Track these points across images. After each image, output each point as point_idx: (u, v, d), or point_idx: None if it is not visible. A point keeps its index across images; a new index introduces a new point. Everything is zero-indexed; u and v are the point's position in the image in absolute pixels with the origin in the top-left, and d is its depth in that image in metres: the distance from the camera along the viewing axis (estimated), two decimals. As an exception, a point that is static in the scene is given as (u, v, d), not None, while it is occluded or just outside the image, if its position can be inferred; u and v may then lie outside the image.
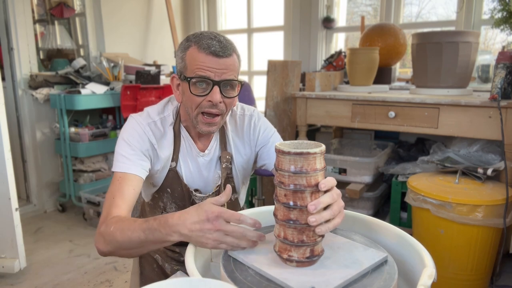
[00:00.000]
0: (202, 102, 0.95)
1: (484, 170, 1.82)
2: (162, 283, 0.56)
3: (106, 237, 0.83)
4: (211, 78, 0.92)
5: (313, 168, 0.65)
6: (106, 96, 2.88)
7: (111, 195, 0.92)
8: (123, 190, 0.93)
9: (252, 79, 3.79)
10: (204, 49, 0.91)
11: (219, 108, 0.96)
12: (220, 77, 0.93)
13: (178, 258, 1.19)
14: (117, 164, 0.97)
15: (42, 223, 2.88)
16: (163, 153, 1.03)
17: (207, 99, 0.94)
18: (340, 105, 2.23)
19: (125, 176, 0.95)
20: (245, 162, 1.13)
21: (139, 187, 0.97)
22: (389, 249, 0.77)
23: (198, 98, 0.95)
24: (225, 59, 0.92)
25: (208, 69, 0.92)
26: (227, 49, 0.93)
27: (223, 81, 0.93)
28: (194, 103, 0.96)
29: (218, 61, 0.92)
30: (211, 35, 0.94)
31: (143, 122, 1.02)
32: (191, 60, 0.94)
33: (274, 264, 0.69)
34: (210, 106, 0.95)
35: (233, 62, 0.95)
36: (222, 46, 0.92)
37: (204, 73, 0.92)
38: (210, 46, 0.91)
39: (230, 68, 0.94)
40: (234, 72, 0.95)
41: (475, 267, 1.73)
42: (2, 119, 1.94)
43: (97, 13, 3.27)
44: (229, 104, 0.98)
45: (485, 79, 2.43)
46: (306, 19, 3.27)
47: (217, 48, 0.91)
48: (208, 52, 0.91)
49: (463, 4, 2.60)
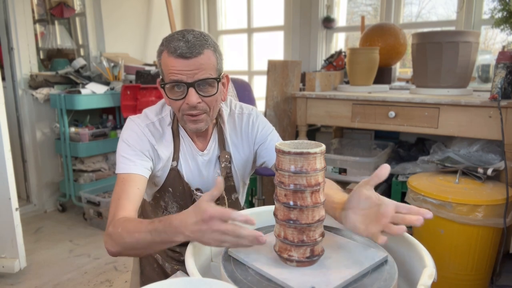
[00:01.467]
0: (182, 105, 0.94)
1: (484, 170, 1.82)
2: (162, 283, 0.56)
3: (114, 238, 0.83)
4: (184, 81, 0.91)
5: (313, 168, 0.65)
6: (106, 96, 2.88)
7: (117, 196, 0.93)
8: (127, 190, 0.93)
9: (252, 79, 3.79)
10: (172, 53, 0.90)
11: (200, 109, 0.95)
12: (193, 78, 0.91)
13: (179, 258, 1.19)
14: (119, 166, 0.97)
15: (42, 223, 2.88)
16: (163, 153, 1.04)
17: (185, 102, 0.93)
18: (340, 105, 2.23)
19: (128, 177, 0.95)
20: (244, 161, 1.13)
21: (143, 186, 0.97)
22: (389, 249, 0.77)
23: (176, 102, 0.94)
24: (195, 59, 0.90)
25: (179, 72, 0.90)
26: (195, 47, 0.89)
27: (196, 82, 0.91)
28: (175, 106, 0.96)
29: (187, 63, 0.89)
30: (180, 36, 0.91)
31: (141, 124, 1.02)
32: (164, 65, 0.93)
33: (274, 264, 0.69)
34: (189, 108, 0.94)
35: (206, 60, 0.91)
36: (189, 46, 0.89)
37: (176, 76, 0.91)
38: (177, 49, 0.89)
39: (202, 67, 0.91)
40: (208, 69, 0.92)
41: (475, 267, 1.73)
42: (2, 119, 1.94)
43: (97, 13, 3.28)
44: (210, 102, 0.96)
45: (485, 79, 2.43)
46: (306, 19, 3.27)
47: (184, 50, 0.89)
48: (175, 55, 0.89)
49: (463, 4, 2.60)
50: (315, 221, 0.67)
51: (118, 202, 0.91)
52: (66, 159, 2.87)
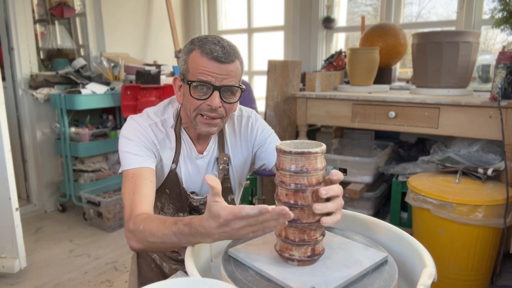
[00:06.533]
0: (202, 105, 0.95)
1: (485, 170, 1.82)
2: (162, 283, 0.56)
3: (137, 236, 0.82)
4: (212, 83, 0.93)
5: (314, 167, 0.65)
6: (106, 96, 2.88)
7: (130, 191, 0.91)
8: (140, 185, 0.92)
9: (252, 79, 3.79)
10: (207, 54, 0.92)
11: (218, 113, 0.96)
12: (220, 82, 0.93)
13: (177, 258, 1.19)
14: (126, 162, 0.96)
15: (42, 223, 2.88)
16: (164, 154, 1.04)
17: (206, 103, 0.95)
18: (341, 105, 2.23)
19: (138, 172, 0.94)
20: (243, 163, 1.14)
21: (154, 179, 0.97)
22: (389, 249, 0.77)
23: (197, 101, 0.95)
24: (227, 65, 0.93)
25: (209, 74, 0.92)
26: (230, 55, 0.93)
27: (223, 87, 0.94)
28: (193, 105, 0.96)
29: (220, 67, 0.92)
30: (215, 40, 0.94)
31: (144, 123, 1.02)
32: (193, 63, 0.94)
33: (274, 264, 0.69)
34: (209, 110, 0.95)
35: (235, 69, 0.95)
36: (225, 52, 0.92)
37: (206, 77, 0.92)
38: (213, 51, 0.91)
39: (232, 74, 0.94)
40: (235, 78, 0.95)
41: (475, 267, 1.73)
42: (2, 119, 1.94)
43: (97, 13, 3.28)
44: (228, 109, 0.98)
45: (486, 79, 2.43)
46: (306, 19, 3.27)
47: (220, 54, 0.92)
48: (210, 57, 0.92)
49: (464, 4, 2.60)
50: (316, 220, 0.67)
51: (133, 197, 0.90)
52: (66, 159, 2.87)
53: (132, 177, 0.94)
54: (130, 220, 0.85)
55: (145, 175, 0.94)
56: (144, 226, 0.81)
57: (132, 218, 0.85)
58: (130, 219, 0.86)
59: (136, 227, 0.82)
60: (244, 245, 0.75)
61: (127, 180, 0.94)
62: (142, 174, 0.94)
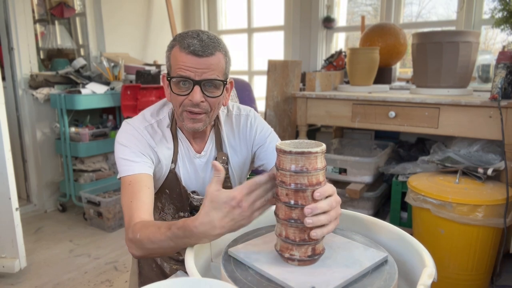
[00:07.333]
0: (185, 101, 0.95)
1: (485, 170, 1.82)
2: (162, 283, 0.56)
3: (136, 244, 0.83)
4: (191, 78, 0.92)
5: (314, 167, 0.65)
6: (106, 96, 2.88)
7: (128, 199, 0.91)
8: (138, 192, 0.92)
9: (252, 79, 3.79)
10: (184, 49, 0.91)
11: (202, 108, 0.95)
12: (200, 76, 0.92)
13: (177, 257, 1.19)
14: (122, 169, 0.96)
15: (42, 223, 2.88)
16: (163, 154, 1.03)
17: (188, 98, 0.94)
18: (341, 105, 2.23)
19: (135, 178, 0.94)
20: (242, 162, 1.13)
21: (152, 184, 0.96)
22: (389, 249, 0.77)
23: (180, 97, 0.94)
24: (206, 58, 0.91)
25: (187, 69, 0.91)
26: (209, 47, 0.91)
27: (203, 81, 0.92)
28: (177, 102, 0.96)
29: (198, 61, 0.91)
30: (194, 34, 0.92)
31: (140, 127, 1.01)
32: (174, 59, 0.94)
33: (274, 263, 0.69)
34: (191, 105, 0.94)
35: (217, 61, 0.93)
36: (203, 45, 0.90)
37: (184, 72, 0.91)
38: (190, 46, 0.90)
39: (212, 67, 0.92)
40: (216, 71, 0.93)
41: (475, 267, 1.73)
42: (2, 119, 1.94)
43: (97, 13, 3.28)
44: (213, 103, 0.97)
45: (486, 79, 2.43)
46: (306, 19, 3.27)
47: (197, 48, 0.90)
48: (188, 51, 0.90)
49: (464, 4, 2.60)
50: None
51: (131, 205, 0.89)
52: (66, 159, 2.87)
53: (129, 185, 0.93)
54: (129, 229, 0.86)
55: (142, 182, 0.94)
56: (140, 235, 0.81)
57: (130, 227, 0.86)
58: (129, 228, 0.86)
59: (134, 236, 0.83)
60: (244, 245, 0.75)
61: (125, 188, 0.94)
62: (138, 181, 0.94)
